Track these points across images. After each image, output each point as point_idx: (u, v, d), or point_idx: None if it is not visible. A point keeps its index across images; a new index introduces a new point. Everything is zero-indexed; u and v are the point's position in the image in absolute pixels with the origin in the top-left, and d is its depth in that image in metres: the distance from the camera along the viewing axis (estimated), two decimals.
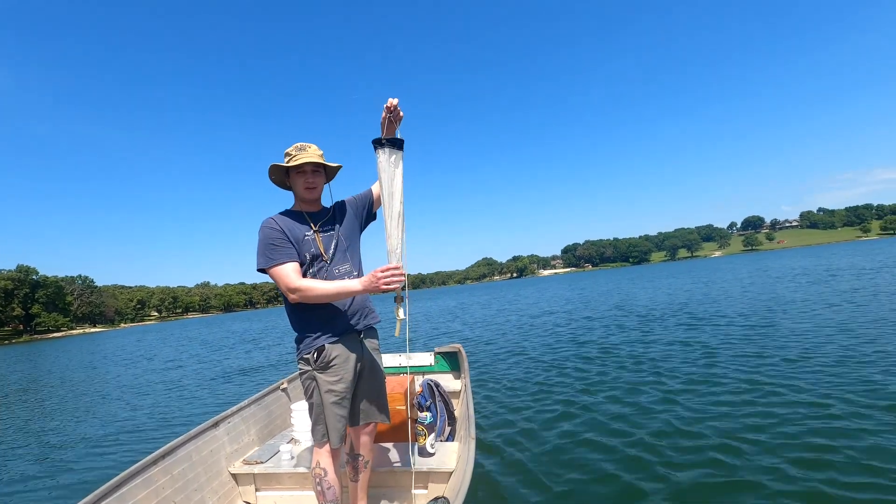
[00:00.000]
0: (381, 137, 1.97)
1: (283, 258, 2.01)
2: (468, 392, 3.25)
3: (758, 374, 5.02)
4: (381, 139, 1.96)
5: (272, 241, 2.02)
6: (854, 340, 6.05)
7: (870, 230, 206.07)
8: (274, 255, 2.00)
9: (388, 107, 1.95)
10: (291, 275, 1.99)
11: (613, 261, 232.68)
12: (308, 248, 2.08)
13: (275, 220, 2.08)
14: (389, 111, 1.95)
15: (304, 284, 1.97)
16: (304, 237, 2.09)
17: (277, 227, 2.04)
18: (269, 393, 3.65)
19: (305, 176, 2.11)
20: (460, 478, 2.13)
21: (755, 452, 3.16)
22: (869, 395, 3.98)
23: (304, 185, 2.12)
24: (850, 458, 2.95)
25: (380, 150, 1.96)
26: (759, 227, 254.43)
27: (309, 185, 2.12)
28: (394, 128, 2.00)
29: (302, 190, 2.13)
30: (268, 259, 2.01)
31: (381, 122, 1.98)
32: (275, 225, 2.05)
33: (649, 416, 4.14)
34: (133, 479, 2.20)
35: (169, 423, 6.13)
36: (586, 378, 5.77)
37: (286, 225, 2.07)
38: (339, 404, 2.09)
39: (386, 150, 1.96)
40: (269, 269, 2.02)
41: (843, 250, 52.84)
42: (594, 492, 2.91)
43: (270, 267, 2.01)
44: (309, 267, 2.08)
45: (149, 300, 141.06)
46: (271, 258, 2.01)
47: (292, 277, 1.99)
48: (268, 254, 2.01)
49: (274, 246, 2.01)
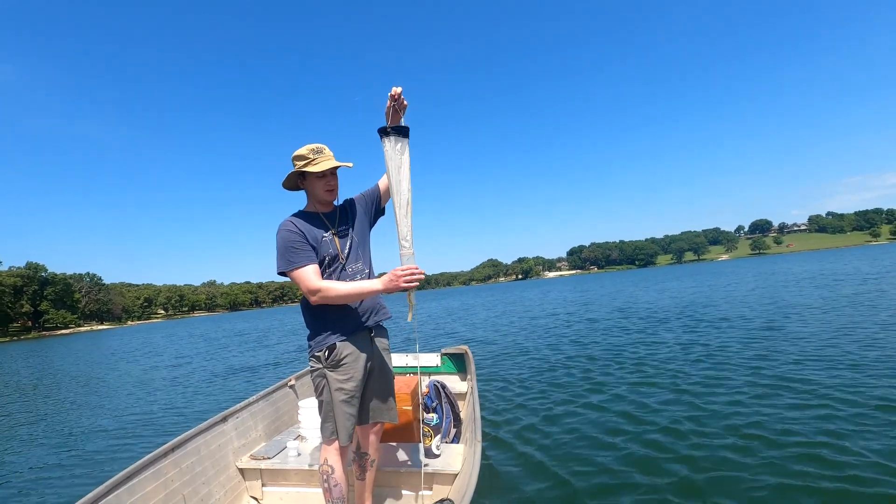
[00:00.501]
0: (387, 126, 1.97)
1: (304, 261, 2.03)
2: (475, 394, 3.25)
3: (757, 374, 5.04)
4: (387, 127, 1.96)
5: (292, 244, 2.03)
6: (851, 345, 6.03)
7: (879, 234, 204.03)
8: (294, 258, 2.02)
9: (392, 95, 1.97)
10: (312, 277, 2.02)
11: (619, 263, 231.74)
12: (326, 250, 2.10)
13: (293, 222, 2.09)
14: (394, 100, 1.97)
15: (325, 286, 2.00)
16: (322, 239, 2.11)
17: (296, 230, 2.05)
18: (277, 389, 3.67)
19: (326, 179, 2.13)
20: (466, 480, 2.13)
21: (757, 449, 3.18)
22: (860, 395, 3.98)
23: (326, 188, 2.14)
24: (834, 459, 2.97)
25: (385, 138, 1.96)
26: (767, 230, 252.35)
27: (330, 187, 2.15)
28: (399, 117, 2.01)
29: (323, 193, 2.14)
30: (288, 262, 2.03)
31: (386, 111, 2.00)
32: (293, 228, 2.06)
33: (656, 414, 4.14)
34: (144, 470, 2.24)
35: (180, 415, 6.20)
36: (591, 378, 5.78)
37: (304, 227, 2.08)
38: (349, 403, 2.11)
39: (392, 138, 1.96)
40: (289, 272, 2.04)
41: (852, 255, 52.28)
42: (603, 496, 2.90)
43: (291, 270, 2.03)
44: (326, 268, 2.11)
45: (156, 298, 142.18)
46: (292, 261, 2.02)
47: (313, 279, 2.01)
48: (288, 257, 2.03)
49: (294, 249, 2.03)
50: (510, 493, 3.04)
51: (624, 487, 2.97)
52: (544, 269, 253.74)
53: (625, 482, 3.03)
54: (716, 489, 2.83)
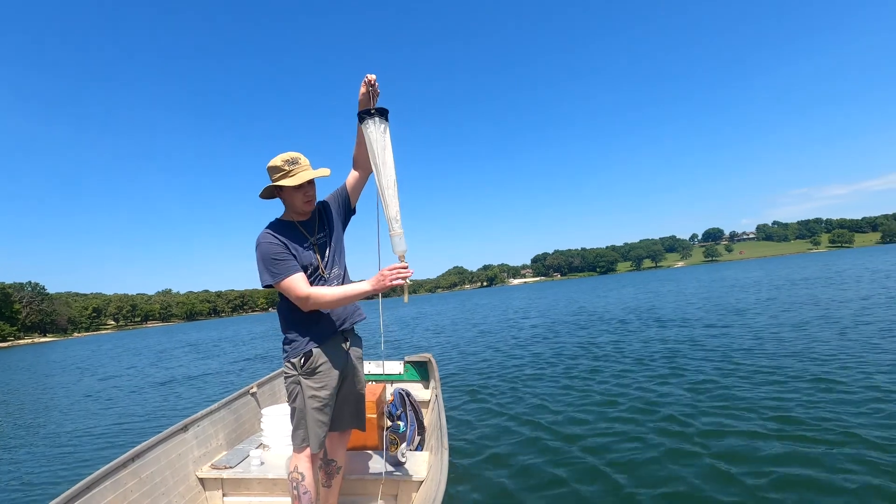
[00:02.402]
0: (371, 108, 2.00)
1: (290, 271, 2.02)
2: (440, 402, 3.29)
3: (684, 371, 5.45)
4: (371, 109, 1.99)
5: (274, 256, 2.02)
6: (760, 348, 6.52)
7: (819, 243, 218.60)
8: (279, 269, 2.02)
9: (367, 81, 2.01)
10: (301, 284, 2.01)
11: (581, 270, 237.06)
12: (308, 260, 2.11)
13: (272, 233, 2.07)
14: (369, 85, 2.02)
15: (315, 292, 2.01)
16: (303, 249, 2.11)
17: (277, 241, 2.05)
18: (238, 397, 3.61)
19: (304, 190, 2.11)
20: (434, 487, 2.16)
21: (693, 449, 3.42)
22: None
23: (305, 200, 2.12)
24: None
25: (369, 120, 1.99)
26: (719, 238, 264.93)
27: (308, 198, 2.14)
28: (374, 102, 2.05)
29: (301, 204, 2.13)
30: (274, 274, 2.02)
31: (360, 97, 2.04)
32: (274, 239, 2.05)
33: (604, 419, 4.36)
34: (102, 481, 2.18)
35: (125, 431, 5.95)
36: (550, 379, 5.99)
37: (284, 237, 2.07)
38: (322, 410, 2.11)
39: (375, 119, 1.98)
40: (277, 284, 2.03)
41: (793, 262, 55.95)
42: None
43: (278, 281, 2.02)
44: (307, 277, 2.10)
45: (105, 308, 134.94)
46: (277, 273, 2.02)
47: (302, 287, 2.00)
48: (272, 269, 2.02)
49: (277, 260, 2.02)
50: (474, 500, 3.08)
51: (573, 487, 3.09)
52: (509, 276, 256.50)
53: (571, 482, 3.16)
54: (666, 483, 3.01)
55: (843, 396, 4.29)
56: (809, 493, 2.73)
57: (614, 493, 2.97)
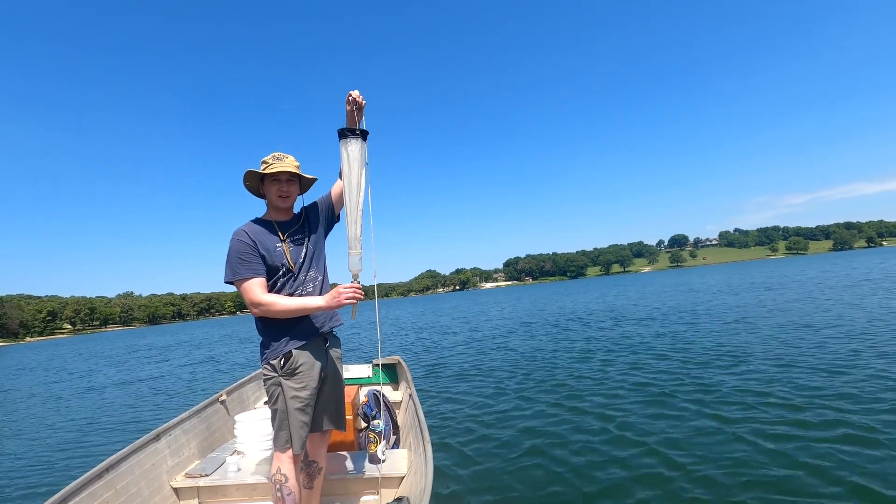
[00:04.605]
0: (348, 127, 2.03)
1: (249, 273, 2.04)
2: (415, 400, 3.36)
3: (636, 372, 5.68)
4: (349, 129, 2.02)
5: (240, 255, 2.05)
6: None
7: (777, 250, 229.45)
8: (240, 270, 2.04)
9: (350, 100, 2.06)
10: (256, 289, 2.04)
11: (552, 274, 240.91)
12: (279, 260, 2.12)
13: (246, 231, 2.10)
14: (353, 103, 2.06)
15: (266, 300, 2.03)
16: (274, 248, 2.13)
17: (248, 241, 2.07)
18: (208, 405, 3.60)
19: (280, 184, 2.15)
20: (420, 481, 2.16)
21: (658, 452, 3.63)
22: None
23: (278, 193, 2.16)
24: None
25: (343, 140, 2.01)
26: (684, 244, 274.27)
27: (283, 193, 2.16)
28: (359, 118, 2.09)
29: (275, 198, 2.17)
30: (234, 272, 2.05)
31: (347, 115, 2.08)
32: (246, 238, 2.08)
33: (579, 414, 4.53)
34: (77, 493, 2.15)
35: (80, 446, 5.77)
36: (518, 379, 6.13)
37: (257, 237, 2.10)
38: (303, 411, 2.11)
39: (350, 140, 2.01)
40: (235, 283, 2.06)
41: (752, 268, 58.79)
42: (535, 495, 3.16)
43: (236, 280, 2.06)
44: (279, 277, 2.13)
45: (61, 311, 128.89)
46: (237, 272, 2.04)
47: (257, 292, 2.03)
48: (235, 267, 2.05)
49: (241, 260, 2.05)
50: (453, 492, 3.20)
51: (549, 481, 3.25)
52: (481, 280, 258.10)
53: (547, 480, 3.32)
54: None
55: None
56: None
57: (579, 482, 3.14)
